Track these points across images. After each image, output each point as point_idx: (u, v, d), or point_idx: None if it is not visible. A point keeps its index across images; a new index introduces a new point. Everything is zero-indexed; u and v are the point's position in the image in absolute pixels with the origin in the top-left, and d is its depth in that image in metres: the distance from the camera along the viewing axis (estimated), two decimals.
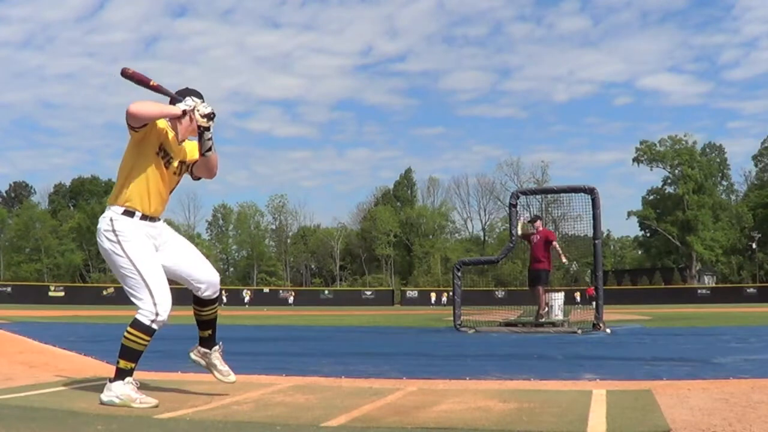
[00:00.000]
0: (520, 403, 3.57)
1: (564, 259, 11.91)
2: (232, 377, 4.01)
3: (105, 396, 3.56)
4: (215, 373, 4.00)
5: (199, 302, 3.96)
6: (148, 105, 3.58)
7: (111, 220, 3.68)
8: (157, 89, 3.72)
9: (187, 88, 3.82)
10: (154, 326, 3.60)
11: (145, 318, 3.59)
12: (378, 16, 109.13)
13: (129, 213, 3.68)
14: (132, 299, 3.64)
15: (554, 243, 11.63)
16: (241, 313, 30.01)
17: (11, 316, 19.09)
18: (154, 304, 3.59)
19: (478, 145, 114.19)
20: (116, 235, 3.64)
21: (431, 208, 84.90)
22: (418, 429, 2.95)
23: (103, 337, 9.72)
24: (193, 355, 4.04)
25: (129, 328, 3.60)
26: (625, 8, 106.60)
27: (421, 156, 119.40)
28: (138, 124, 3.58)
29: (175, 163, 3.81)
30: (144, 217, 3.71)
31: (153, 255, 3.69)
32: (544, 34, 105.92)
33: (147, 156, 3.69)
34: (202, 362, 4.03)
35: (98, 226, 3.74)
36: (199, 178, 3.98)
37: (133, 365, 3.60)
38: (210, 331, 4.00)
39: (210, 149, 3.74)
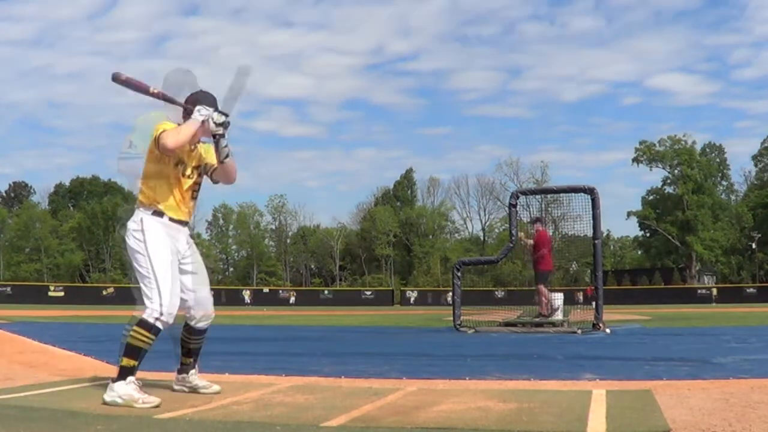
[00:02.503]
0: (520, 403, 3.57)
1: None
2: (216, 387, 4.03)
3: (108, 396, 3.56)
4: (201, 391, 4.00)
5: (190, 330, 3.99)
6: (181, 136, 3.63)
7: (141, 220, 3.75)
8: (159, 96, 3.74)
9: (200, 91, 3.83)
10: (159, 325, 3.64)
11: (149, 316, 3.63)
12: (391, 15, 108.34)
13: (158, 214, 3.77)
14: (144, 298, 3.68)
15: (543, 250, 11.63)
16: (241, 313, 30.00)
17: (11, 316, 19.06)
18: (160, 304, 3.63)
19: (485, 144, 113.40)
20: (143, 234, 3.71)
21: (431, 208, 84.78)
22: (418, 429, 2.95)
23: (103, 337, 9.71)
24: (175, 386, 4.03)
25: (135, 326, 3.63)
26: (639, 7, 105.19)
27: (429, 156, 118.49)
28: (173, 155, 3.68)
29: (189, 170, 3.87)
30: (171, 220, 3.79)
31: (170, 258, 3.74)
32: (557, 34, 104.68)
33: (167, 165, 3.77)
34: (186, 389, 4.03)
35: (127, 226, 3.79)
36: (218, 182, 4.01)
37: (135, 363, 3.61)
38: (193, 359, 4.04)
39: (227, 156, 3.78)
